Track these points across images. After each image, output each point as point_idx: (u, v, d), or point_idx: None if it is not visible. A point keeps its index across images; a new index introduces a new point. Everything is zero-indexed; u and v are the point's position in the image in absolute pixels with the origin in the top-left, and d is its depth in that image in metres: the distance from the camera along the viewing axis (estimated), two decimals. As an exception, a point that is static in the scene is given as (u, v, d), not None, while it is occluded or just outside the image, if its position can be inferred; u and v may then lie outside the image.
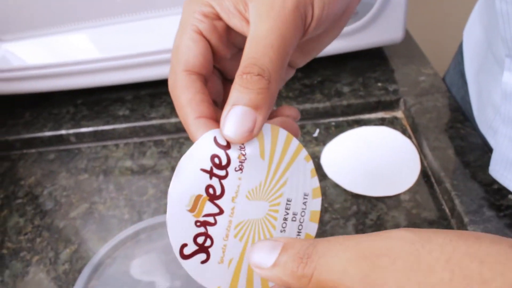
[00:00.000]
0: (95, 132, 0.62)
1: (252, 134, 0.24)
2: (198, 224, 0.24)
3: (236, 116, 0.24)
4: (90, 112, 0.66)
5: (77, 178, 0.57)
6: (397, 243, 0.18)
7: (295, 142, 0.27)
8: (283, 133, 0.27)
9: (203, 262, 0.24)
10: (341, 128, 0.58)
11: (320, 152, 0.54)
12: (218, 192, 0.25)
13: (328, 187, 0.49)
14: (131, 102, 0.66)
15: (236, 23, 0.26)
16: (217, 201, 0.25)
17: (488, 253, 0.16)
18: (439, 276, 0.17)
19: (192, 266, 0.24)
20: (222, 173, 0.25)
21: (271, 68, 0.24)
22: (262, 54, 0.23)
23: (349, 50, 0.62)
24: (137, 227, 0.46)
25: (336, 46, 0.61)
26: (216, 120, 0.26)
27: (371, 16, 0.59)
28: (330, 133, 0.57)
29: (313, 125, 0.59)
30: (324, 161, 0.53)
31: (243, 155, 0.25)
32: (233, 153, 0.25)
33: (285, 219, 0.27)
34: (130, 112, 0.64)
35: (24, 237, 0.51)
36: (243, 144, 0.25)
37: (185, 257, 0.24)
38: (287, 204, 0.27)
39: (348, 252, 0.19)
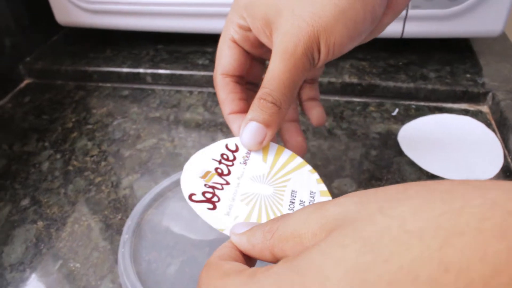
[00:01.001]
0: (172, 75, 0.62)
1: (262, 145, 0.31)
2: (207, 186, 0.30)
3: (251, 130, 0.31)
4: (169, 57, 0.66)
5: (148, 115, 0.57)
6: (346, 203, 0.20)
7: (298, 159, 0.33)
8: (287, 152, 0.33)
9: (209, 209, 0.29)
10: (421, 112, 0.55)
11: (397, 130, 0.52)
12: (225, 172, 0.31)
13: (402, 164, 0.47)
14: (211, 54, 0.66)
15: (263, 40, 0.32)
16: (224, 177, 0.31)
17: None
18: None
19: (200, 209, 0.29)
20: (229, 163, 0.32)
21: (282, 99, 0.30)
22: (276, 88, 0.30)
23: (442, 35, 0.60)
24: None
25: (428, 29, 0.58)
26: (244, 113, 0.33)
27: (472, 2, 0.56)
28: (410, 114, 0.55)
29: (392, 104, 0.57)
30: (402, 138, 0.50)
31: (247, 157, 0.33)
32: (239, 154, 0.33)
33: (292, 202, 0.30)
34: (209, 62, 0.64)
35: (90, 159, 0.51)
36: (249, 152, 0.33)
37: (193, 201, 0.29)
38: (292, 192, 0.31)
39: (309, 210, 0.21)
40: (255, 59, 0.36)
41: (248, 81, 0.37)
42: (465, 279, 0.14)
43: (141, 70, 0.63)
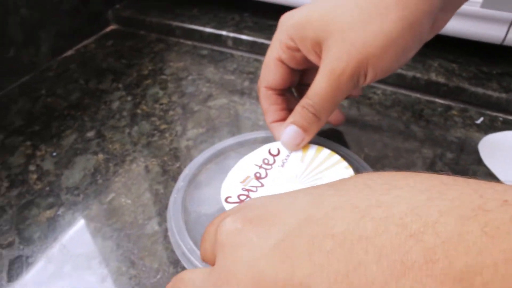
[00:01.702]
0: (253, 42, 0.61)
1: (298, 147, 0.36)
2: (244, 189, 0.34)
3: (290, 132, 0.35)
4: (253, 25, 0.65)
5: (223, 76, 0.56)
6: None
7: (336, 157, 0.36)
8: (326, 151, 0.36)
9: None
10: (508, 126, 0.51)
11: (479, 138, 0.49)
12: (263, 175, 0.35)
13: (479, 173, 0.44)
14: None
15: (311, 58, 0.34)
16: (260, 180, 0.35)
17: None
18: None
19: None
20: (268, 167, 0.36)
21: (322, 112, 0.33)
22: (318, 102, 0.33)
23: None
24: (269, 133, 0.44)
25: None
26: (283, 121, 0.37)
27: None
28: (495, 126, 0.51)
29: (477, 112, 0.53)
30: (483, 147, 0.47)
31: (286, 159, 0.36)
32: (279, 158, 0.36)
33: None
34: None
35: (159, 106, 0.51)
36: (288, 155, 0.36)
37: (228, 202, 0.33)
38: None
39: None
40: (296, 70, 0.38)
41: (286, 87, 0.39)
42: None
43: (223, 33, 0.62)
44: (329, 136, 0.43)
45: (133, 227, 0.36)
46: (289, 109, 0.37)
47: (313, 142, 0.41)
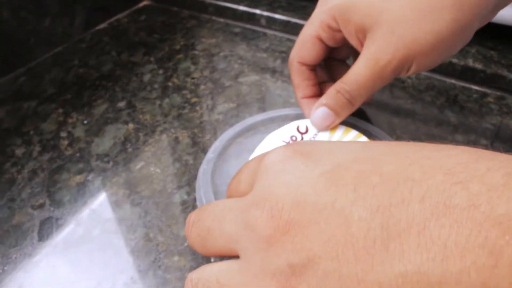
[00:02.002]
0: (287, 22, 0.60)
1: (328, 128, 0.35)
2: None
3: (322, 113, 0.34)
4: (288, 5, 0.64)
5: (255, 54, 0.56)
6: None
7: (363, 138, 0.35)
8: (354, 132, 0.36)
9: None
10: (546, 117, 0.50)
11: (515, 126, 0.47)
12: None
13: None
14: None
15: (352, 42, 0.33)
16: None
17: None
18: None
19: None
20: None
21: (357, 99, 0.33)
22: (356, 89, 0.33)
23: None
24: (300, 110, 0.43)
25: None
26: (316, 97, 0.37)
27: None
28: (533, 116, 0.50)
29: (515, 101, 0.52)
30: (519, 135, 0.45)
31: (314, 138, 0.35)
32: (307, 136, 0.36)
33: None
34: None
35: (190, 80, 0.51)
36: (316, 133, 0.36)
37: None
38: None
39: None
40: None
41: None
42: None
43: (257, 11, 0.62)
44: (362, 117, 0.42)
45: (161, 195, 0.36)
46: (318, 84, 0.38)
47: (345, 121, 0.40)
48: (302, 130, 0.37)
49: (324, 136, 0.37)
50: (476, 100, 0.51)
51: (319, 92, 0.38)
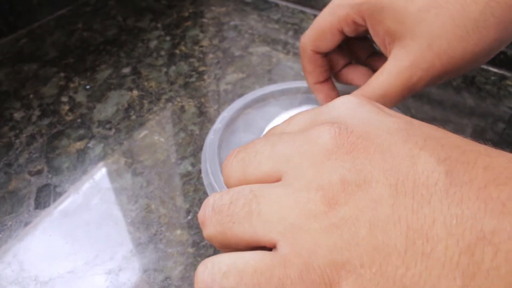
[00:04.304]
0: (300, -8, 0.58)
1: None
2: None
3: None
4: (302, -25, 0.62)
5: (266, 24, 0.53)
6: None
7: None
8: None
9: None
10: None
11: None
12: None
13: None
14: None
15: (377, 41, 0.31)
16: None
17: None
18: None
19: None
20: None
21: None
22: (382, 101, 0.29)
23: None
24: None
25: None
26: (327, 81, 0.36)
27: None
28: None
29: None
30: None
31: None
32: None
33: None
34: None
35: (198, 48, 0.49)
36: None
37: None
38: None
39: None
40: None
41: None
42: None
43: (270, -20, 0.59)
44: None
45: (165, 165, 0.34)
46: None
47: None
48: None
49: None
50: (494, 82, 0.48)
51: (329, 75, 0.36)
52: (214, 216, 0.19)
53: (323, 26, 0.33)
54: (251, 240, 0.18)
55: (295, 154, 0.19)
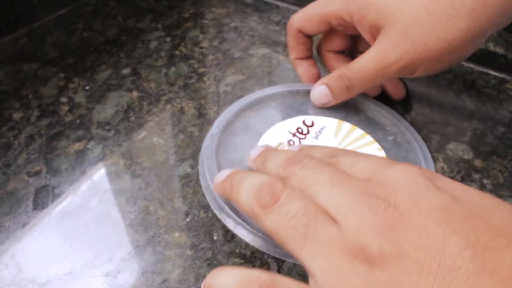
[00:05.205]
0: (301, -6, 0.58)
1: (324, 106, 0.37)
2: None
3: (321, 91, 0.36)
4: (303, -23, 0.61)
5: (267, 26, 0.53)
6: None
7: (369, 138, 0.36)
8: (359, 131, 0.37)
9: None
10: None
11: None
12: (296, 144, 0.34)
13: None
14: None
15: (365, 36, 0.34)
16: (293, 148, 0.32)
17: None
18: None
19: None
20: (301, 136, 0.35)
21: (357, 88, 0.34)
22: (357, 79, 0.33)
23: None
24: (312, 86, 0.41)
25: None
26: (307, 58, 0.39)
27: None
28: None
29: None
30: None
31: (320, 132, 0.36)
32: (313, 129, 0.36)
33: None
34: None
35: (198, 49, 0.48)
36: (322, 128, 0.36)
37: None
38: None
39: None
40: None
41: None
42: None
43: (271, -18, 0.59)
44: (377, 96, 0.41)
45: (164, 167, 0.34)
46: (310, 50, 0.39)
47: (361, 99, 0.39)
48: (308, 123, 0.37)
49: (331, 131, 0.36)
50: (494, 86, 0.48)
51: (311, 54, 0.39)
52: (275, 212, 0.21)
53: (312, 13, 0.36)
54: (294, 256, 0.20)
55: (349, 208, 0.20)
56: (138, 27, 0.52)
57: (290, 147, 0.33)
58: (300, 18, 0.37)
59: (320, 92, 0.36)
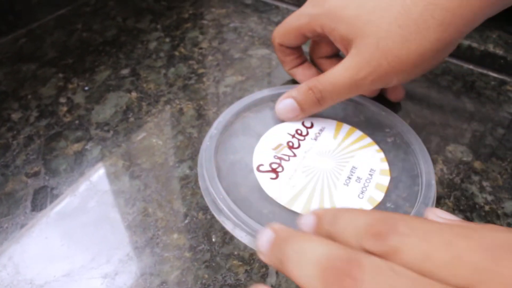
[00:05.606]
0: (301, -5, 0.57)
1: (290, 120, 0.37)
2: (276, 157, 0.34)
3: (288, 105, 0.36)
4: (302, -23, 0.61)
5: (267, 27, 0.53)
6: None
7: (368, 139, 0.36)
8: (358, 132, 0.37)
9: (272, 179, 0.32)
10: None
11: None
12: (296, 145, 0.35)
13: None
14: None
15: (338, 46, 0.34)
16: (293, 150, 0.35)
17: None
18: None
19: (263, 178, 0.32)
20: (301, 137, 0.36)
21: (327, 101, 0.34)
22: (329, 91, 0.33)
23: None
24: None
25: None
26: (302, 64, 0.41)
27: None
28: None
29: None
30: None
31: (319, 133, 0.36)
32: (312, 131, 0.36)
33: (349, 177, 0.33)
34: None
35: (198, 50, 0.48)
36: (322, 129, 0.36)
37: (259, 171, 0.33)
38: (352, 168, 0.33)
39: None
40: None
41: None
42: None
43: (270, -18, 0.59)
44: (375, 98, 0.40)
45: (163, 168, 0.34)
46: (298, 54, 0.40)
47: (360, 100, 0.38)
48: (308, 124, 0.37)
49: (330, 132, 0.37)
50: (494, 87, 0.48)
51: (304, 59, 0.40)
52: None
53: (288, 27, 0.37)
54: None
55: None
56: (137, 28, 0.52)
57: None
58: (279, 33, 0.38)
59: (286, 105, 0.35)
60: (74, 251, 0.29)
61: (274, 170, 0.33)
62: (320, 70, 0.41)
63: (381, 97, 0.42)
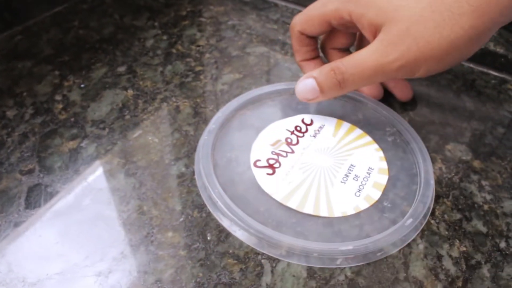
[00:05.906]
0: (300, -7, 0.57)
1: (309, 101, 0.34)
2: (273, 153, 0.34)
3: (308, 85, 0.33)
4: (301, -25, 0.61)
5: (265, 25, 0.53)
6: None
7: (367, 138, 0.36)
8: (358, 131, 0.36)
9: (268, 174, 0.32)
10: None
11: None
12: (294, 142, 0.35)
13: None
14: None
15: (365, 34, 0.32)
16: (291, 146, 0.34)
17: None
18: None
19: (260, 173, 0.32)
20: (299, 134, 0.36)
21: (350, 85, 0.32)
22: (352, 74, 0.31)
23: None
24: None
25: None
26: (313, 59, 0.39)
27: None
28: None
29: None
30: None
31: (318, 131, 0.36)
32: (311, 128, 0.36)
33: (347, 175, 0.32)
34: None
35: (195, 48, 0.48)
36: (321, 127, 0.36)
37: (256, 166, 0.33)
38: (350, 166, 0.33)
39: None
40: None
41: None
42: None
43: (269, -20, 0.58)
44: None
45: (158, 166, 0.34)
46: (316, 51, 0.39)
47: (360, 98, 0.38)
48: (307, 121, 0.37)
49: (330, 130, 0.36)
50: (494, 86, 0.48)
51: (317, 54, 0.39)
52: None
53: (312, 14, 0.35)
54: None
55: None
56: (134, 25, 0.52)
57: None
58: (301, 20, 0.36)
59: (306, 85, 0.33)
60: (68, 249, 0.28)
61: (271, 166, 0.33)
62: (329, 61, 0.40)
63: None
